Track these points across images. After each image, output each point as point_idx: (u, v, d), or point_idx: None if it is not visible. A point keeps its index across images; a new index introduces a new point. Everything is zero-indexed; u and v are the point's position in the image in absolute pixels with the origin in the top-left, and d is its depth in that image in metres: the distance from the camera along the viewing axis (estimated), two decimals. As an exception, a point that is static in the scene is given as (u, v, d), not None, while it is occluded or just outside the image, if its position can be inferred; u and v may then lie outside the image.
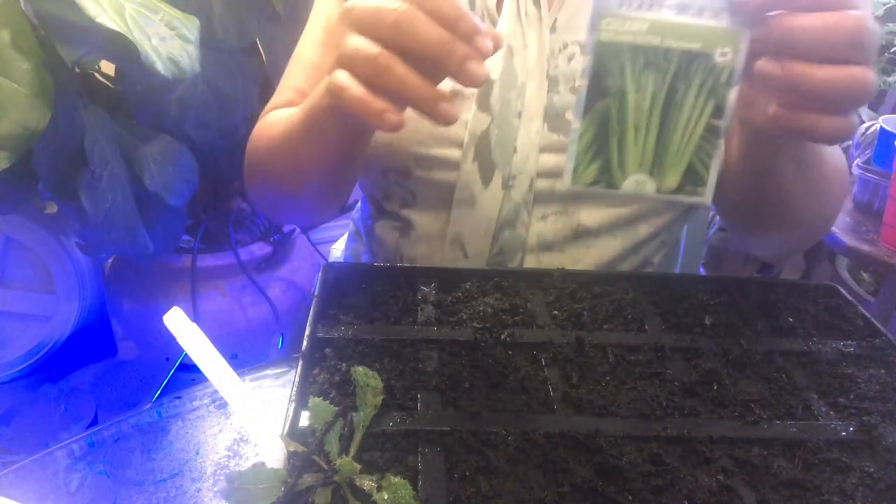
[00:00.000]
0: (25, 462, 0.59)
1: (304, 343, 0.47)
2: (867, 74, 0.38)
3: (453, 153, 0.64)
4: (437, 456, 0.39)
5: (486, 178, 0.64)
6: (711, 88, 0.40)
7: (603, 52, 0.40)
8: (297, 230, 1.52)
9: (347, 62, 0.42)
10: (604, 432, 0.41)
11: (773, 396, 0.46)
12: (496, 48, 0.41)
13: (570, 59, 0.63)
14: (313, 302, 0.52)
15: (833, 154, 0.60)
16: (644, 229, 0.67)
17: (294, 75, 0.71)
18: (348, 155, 0.58)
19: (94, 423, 1.38)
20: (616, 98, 0.41)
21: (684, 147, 0.41)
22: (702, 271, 0.84)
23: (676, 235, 0.74)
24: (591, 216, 0.65)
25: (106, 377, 1.50)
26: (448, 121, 0.42)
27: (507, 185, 0.63)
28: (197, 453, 0.59)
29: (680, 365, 0.48)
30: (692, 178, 0.42)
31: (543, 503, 0.37)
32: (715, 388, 0.47)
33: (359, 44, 0.41)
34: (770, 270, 1.70)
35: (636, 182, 0.42)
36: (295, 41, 0.72)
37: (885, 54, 1.65)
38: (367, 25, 0.41)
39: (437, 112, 0.42)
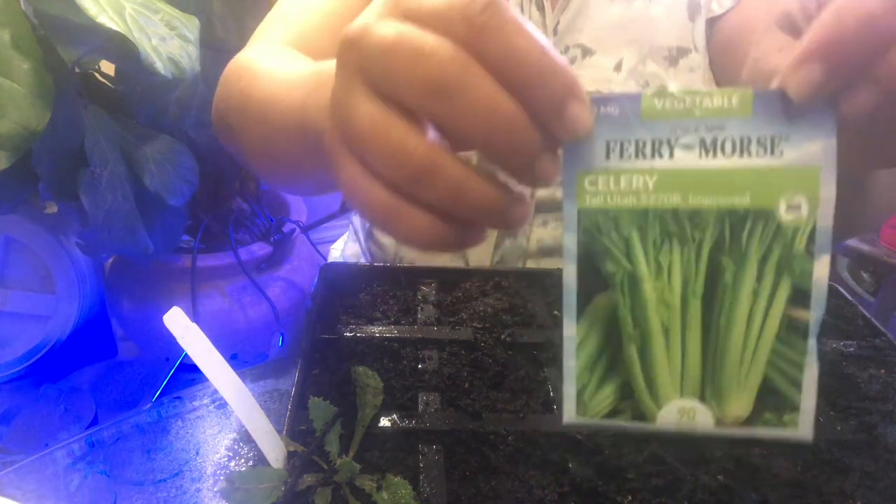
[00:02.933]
0: (25, 462, 0.58)
1: (304, 343, 0.47)
2: None
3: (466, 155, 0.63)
4: (437, 456, 0.39)
5: None
6: (782, 263, 0.26)
7: (591, 222, 0.27)
8: (297, 230, 1.52)
9: (360, 146, 0.25)
10: (604, 432, 0.41)
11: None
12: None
13: (571, 62, 0.63)
14: (313, 302, 0.52)
15: None
16: None
17: (291, 18, 0.58)
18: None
19: (94, 423, 1.38)
20: (625, 288, 0.27)
21: (751, 356, 0.27)
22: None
23: None
24: None
25: (106, 377, 1.50)
26: (520, 225, 0.27)
27: None
28: (197, 453, 0.59)
29: (680, 365, 0.48)
30: (773, 400, 0.27)
31: (543, 503, 0.37)
32: (715, 388, 0.46)
33: (379, 120, 0.24)
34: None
35: (680, 412, 0.28)
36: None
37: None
38: (388, 83, 0.24)
39: (507, 222, 0.27)
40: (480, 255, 0.65)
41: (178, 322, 0.44)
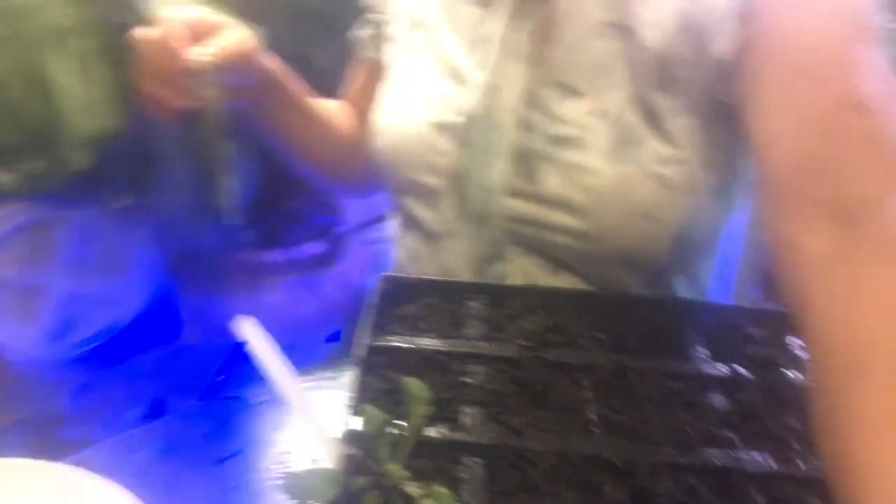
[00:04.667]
0: (94, 442, 0.64)
1: (359, 351, 0.51)
2: None
3: (438, 181, 0.64)
4: (480, 469, 0.42)
5: (464, 213, 0.63)
6: None
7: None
8: (352, 229, 1.56)
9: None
10: (640, 458, 0.43)
11: (812, 432, 0.47)
12: None
13: (553, 101, 0.59)
14: (369, 311, 0.55)
15: None
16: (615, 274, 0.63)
17: None
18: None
19: (159, 406, 1.45)
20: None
21: None
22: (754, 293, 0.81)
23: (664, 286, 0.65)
24: (566, 255, 0.62)
25: (171, 361, 1.57)
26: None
27: (482, 222, 0.63)
28: (255, 443, 0.63)
29: (721, 395, 0.49)
30: None
31: (578, 522, 0.39)
32: (754, 420, 0.47)
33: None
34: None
35: None
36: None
37: None
38: None
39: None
40: (467, 279, 0.65)
41: (246, 328, 0.48)
